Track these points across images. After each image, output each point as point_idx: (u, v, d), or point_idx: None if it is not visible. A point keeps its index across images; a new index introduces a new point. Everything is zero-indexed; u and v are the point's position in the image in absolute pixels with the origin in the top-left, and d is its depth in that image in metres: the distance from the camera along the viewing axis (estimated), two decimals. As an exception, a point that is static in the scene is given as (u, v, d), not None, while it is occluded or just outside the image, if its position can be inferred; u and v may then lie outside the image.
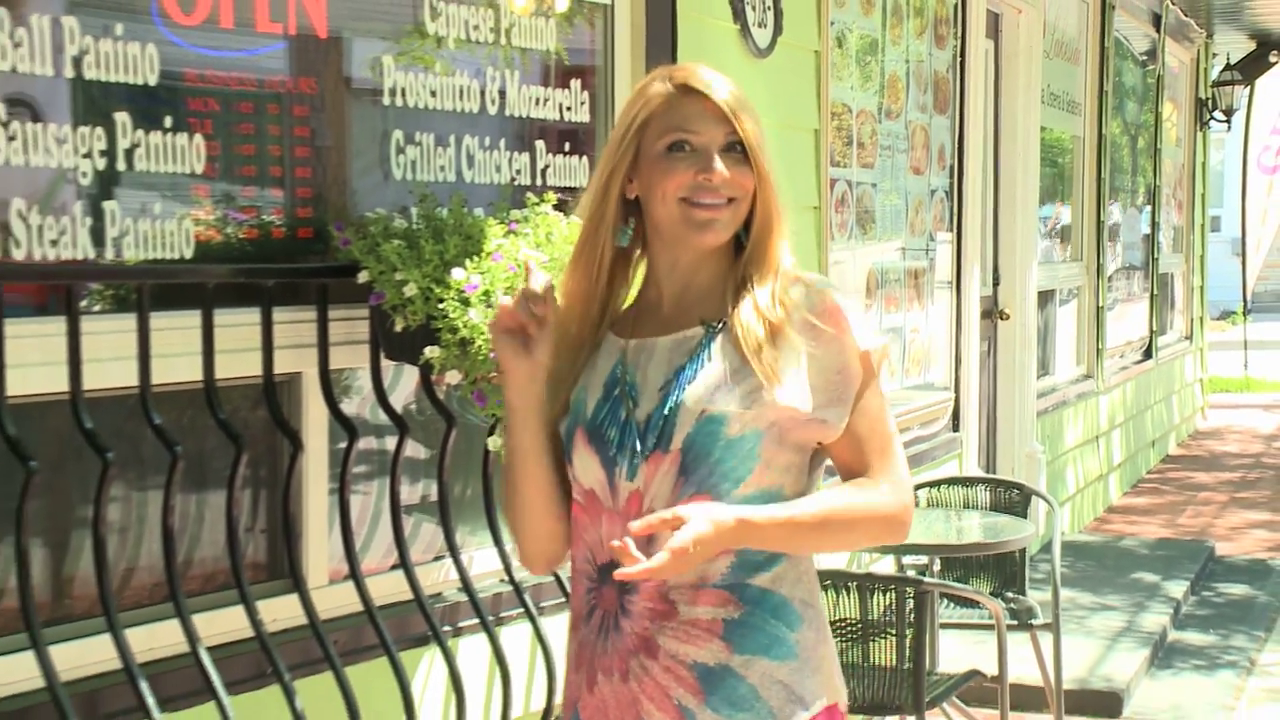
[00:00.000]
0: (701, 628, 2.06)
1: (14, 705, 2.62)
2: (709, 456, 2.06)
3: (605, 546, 2.08)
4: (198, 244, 3.04)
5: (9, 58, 2.70)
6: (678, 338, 2.14)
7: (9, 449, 2.56)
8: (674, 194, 2.09)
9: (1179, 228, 12.48)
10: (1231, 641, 6.70)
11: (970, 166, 6.69)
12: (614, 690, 2.10)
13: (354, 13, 3.38)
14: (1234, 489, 10.43)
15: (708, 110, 2.11)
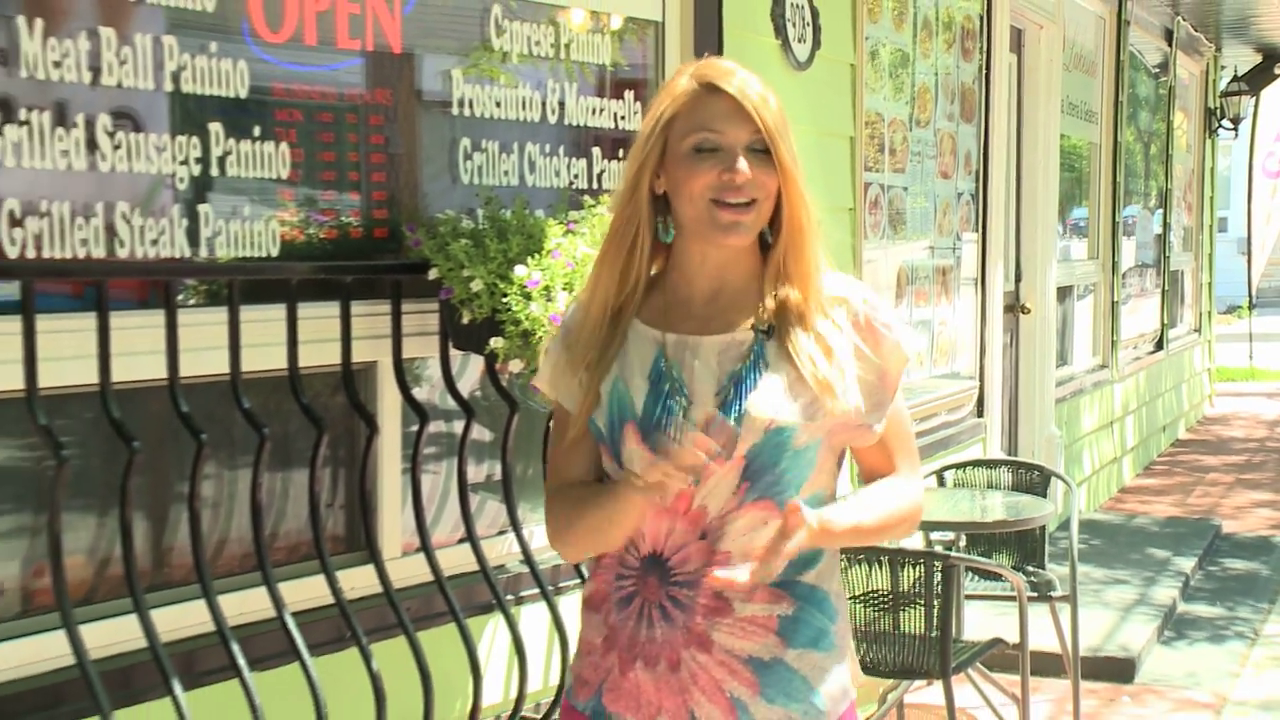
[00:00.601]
0: (757, 624, 2.01)
1: (119, 664, 2.65)
2: (776, 466, 1.99)
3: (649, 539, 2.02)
4: (283, 243, 3.06)
5: (115, 74, 2.73)
6: (726, 340, 2.04)
7: (114, 430, 2.59)
8: (701, 194, 1.99)
9: (1188, 228, 12.41)
10: (1237, 613, 6.66)
11: (994, 171, 6.66)
12: (657, 678, 2.02)
13: (426, 30, 3.39)
14: (1239, 471, 10.36)
15: (733, 110, 1.99)
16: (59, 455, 2.51)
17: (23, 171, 2.60)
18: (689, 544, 2.00)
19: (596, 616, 2.11)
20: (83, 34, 2.69)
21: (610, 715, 2.07)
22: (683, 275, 2.09)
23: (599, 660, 2.09)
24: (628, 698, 2.05)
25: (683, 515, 2.00)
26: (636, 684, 2.04)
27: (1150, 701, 5.49)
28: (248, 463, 2.87)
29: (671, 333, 2.06)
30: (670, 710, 2.02)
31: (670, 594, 2.02)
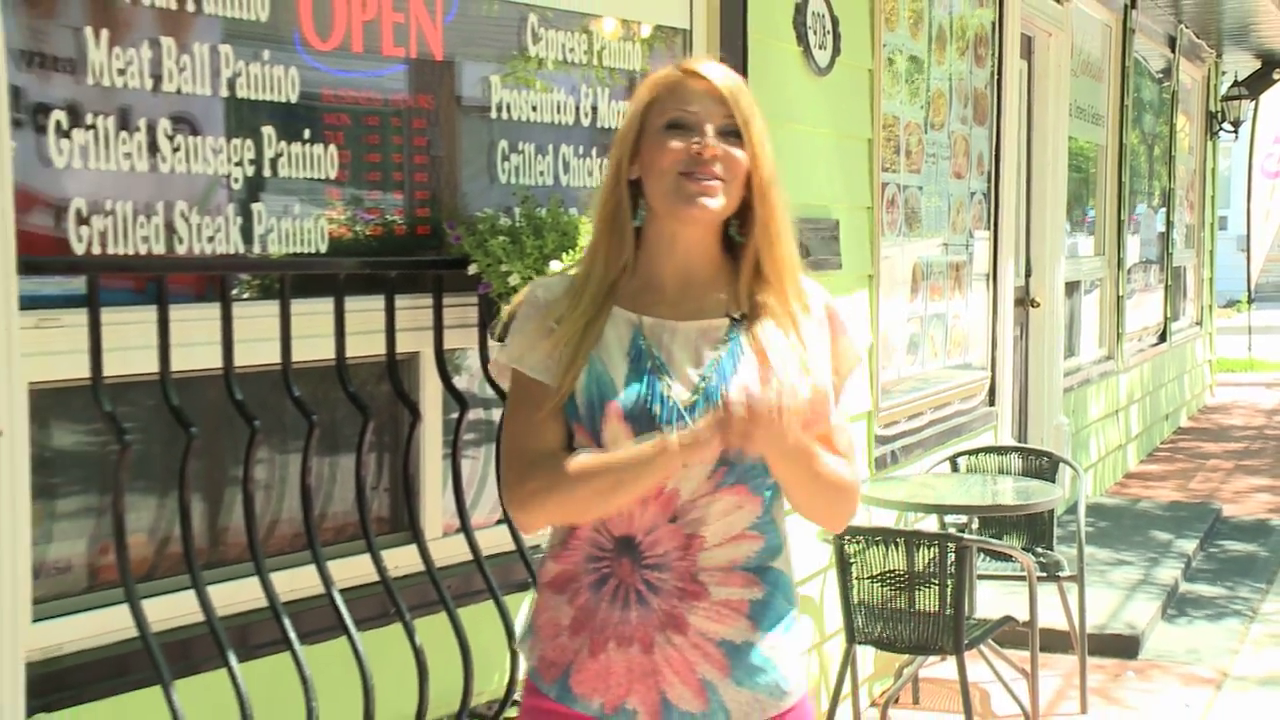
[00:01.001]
0: (731, 607, 1.96)
1: (179, 636, 2.67)
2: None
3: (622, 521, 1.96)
4: (331, 240, 3.06)
5: (175, 80, 2.73)
6: (702, 325, 1.99)
7: (173, 417, 2.60)
8: (669, 168, 1.94)
9: (1190, 226, 12.37)
10: (1237, 593, 6.66)
11: (1005, 172, 6.63)
12: (629, 660, 1.96)
13: (466, 39, 3.38)
14: (1238, 457, 10.33)
15: (707, 92, 1.96)
16: (122, 440, 2.53)
17: (89, 173, 2.61)
18: (659, 527, 1.96)
19: (561, 598, 2.03)
20: (145, 43, 2.70)
21: (577, 697, 1.99)
22: (652, 259, 2.03)
23: (566, 642, 2.01)
24: (596, 680, 1.98)
25: (655, 498, 1.95)
26: (607, 666, 1.97)
27: (1154, 676, 5.50)
28: (298, 448, 2.88)
29: (647, 315, 2.01)
30: (640, 693, 1.96)
31: (644, 577, 1.96)
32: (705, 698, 1.96)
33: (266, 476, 3.02)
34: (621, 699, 1.97)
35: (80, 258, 2.60)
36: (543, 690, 2.04)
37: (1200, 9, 10.30)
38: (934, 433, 5.76)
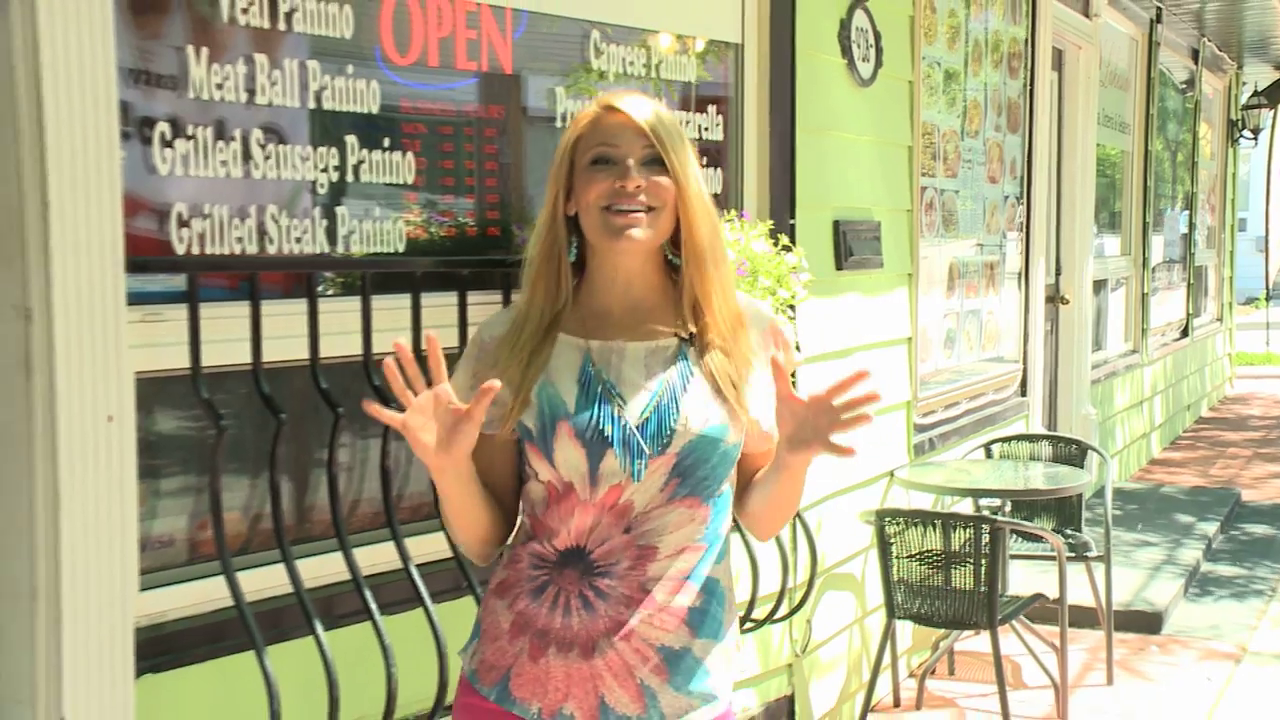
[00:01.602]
0: (671, 613, 1.90)
1: (270, 606, 2.69)
2: (706, 463, 1.90)
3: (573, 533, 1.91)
4: (408, 240, 3.08)
5: (267, 94, 2.75)
6: (651, 345, 1.93)
7: (264, 404, 2.62)
8: (596, 203, 1.89)
9: (1212, 228, 12.25)
10: (1256, 572, 6.59)
11: (1037, 176, 6.57)
12: (568, 666, 1.90)
13: (533, 53, 3.39)
14: (1257, 445, 10.22)
15: (626, 124, 1.91)
16: (218, 425, 2.55)
17: (189, 180, 2.64)
18: (613, 537, 1.91)
19: (503, 602, 1.98)
20: (240, 60, 2.72)
21: (515, 700, 1.93)
22: (596, 290, 1.99)
23: (506, 645, 1.96)
24: (535, 684, 1.92)
25: (609, 509, 1.90)
26: (546, 671, 1.91)
27: (1176, 651, 5.45)
28: (377, 433, 2.90)
29: (594, 339, 1.96)
30: (577, 697, 1.90)
31: (593, 584, 1.90)
32: (643, 703, 1.89)
33: (348, 459, 3.03)
34: (559, 704, 1.91)
35: (181, 257, 2.63)
36: (482, 693, 1.98)
37: (1222, 23, 10.21)
38: (969, 421, 5.72)
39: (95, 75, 2.35)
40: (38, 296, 2.32)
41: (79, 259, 2.35)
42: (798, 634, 4.21)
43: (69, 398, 2.35)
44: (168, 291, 2.59)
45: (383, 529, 2.90)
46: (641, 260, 1.95)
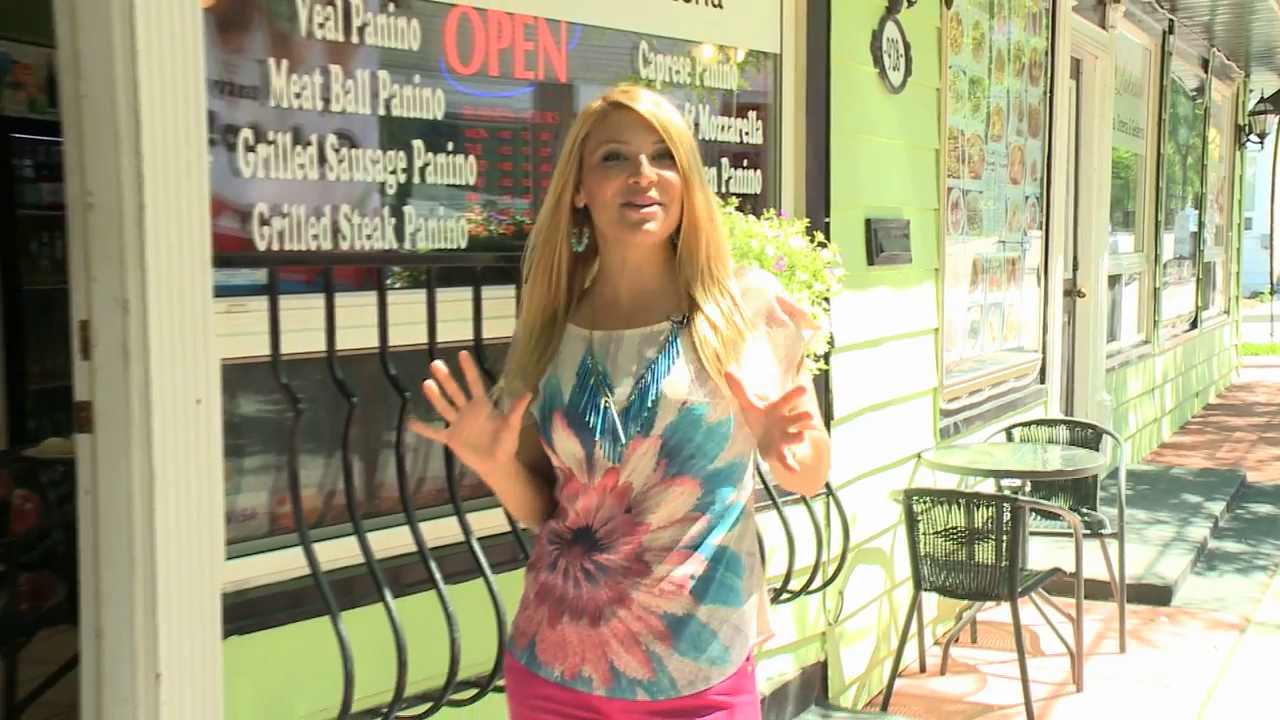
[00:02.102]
0: (673, 583, 1.83)
1: (343, 575, 2.69)
2: (691, 441, 1.83)
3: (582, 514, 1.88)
4: (469, 237, 3.07)
5: (341, 101, 2.76)
6: (645, 331, 1.88)
7: (338, 388, 2.63)
8: (612, 199, 1.84)
9: (1219, 226, 12.10)
10: (1260, 549, 6.52)
11: (1056, 178, 6.51)
12: (580, 632, 1.86)
13: (586, 64, 3.37)
14: (1261, 430, 10.10)
15: (636, 121, 1.84)
16: (296, 408, 2.56)
17: (270, 181, 2.65)
18: (615, 517, 1.86)
19: (531, 574, 1.97)
20: (316, 70, 2.73)
21: (541, 664, 1.91)
22: (608, 280, 1.94)
23: (532, 613, 1.94)
24: (555, 648, 1.89)
25: (611, 491, 1.86)
26: (563, 636, 1.88)
27: (1184, 621, 5.40)
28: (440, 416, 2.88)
29: (599, 330, 1.91)
30: (592, 661, 1.87)
31: (593, 558, 1.86)
32: (652, 668, 1.84)
33: (414, 440, 3.02)
34: (578, 667, 1.88)
35: (262, 253, 2.64)
36: (515, 656, 1.98)
37: (1230, 34, 10.08)
38: (991, 407, 5.68)
39: (186, 88, 2.37)
40: (134, 290, 2.35)
41: (171, 256, 2.38)
42: (831, 604, 4.19)
43: (161, 383, 2.38)
44: (250, 285, 2.61)
45: (446, 505, 2.90)
46: (650, 250, 1.91)
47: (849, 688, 4.35)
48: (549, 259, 1.92)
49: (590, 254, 1.95)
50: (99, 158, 2.34)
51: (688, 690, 1.84)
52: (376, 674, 2.64)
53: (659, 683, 1.84)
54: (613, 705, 1.87)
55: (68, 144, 2.39)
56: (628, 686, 1.85)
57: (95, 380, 2.41)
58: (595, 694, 1.87)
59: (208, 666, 2.48)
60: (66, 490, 3.03)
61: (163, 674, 2.40)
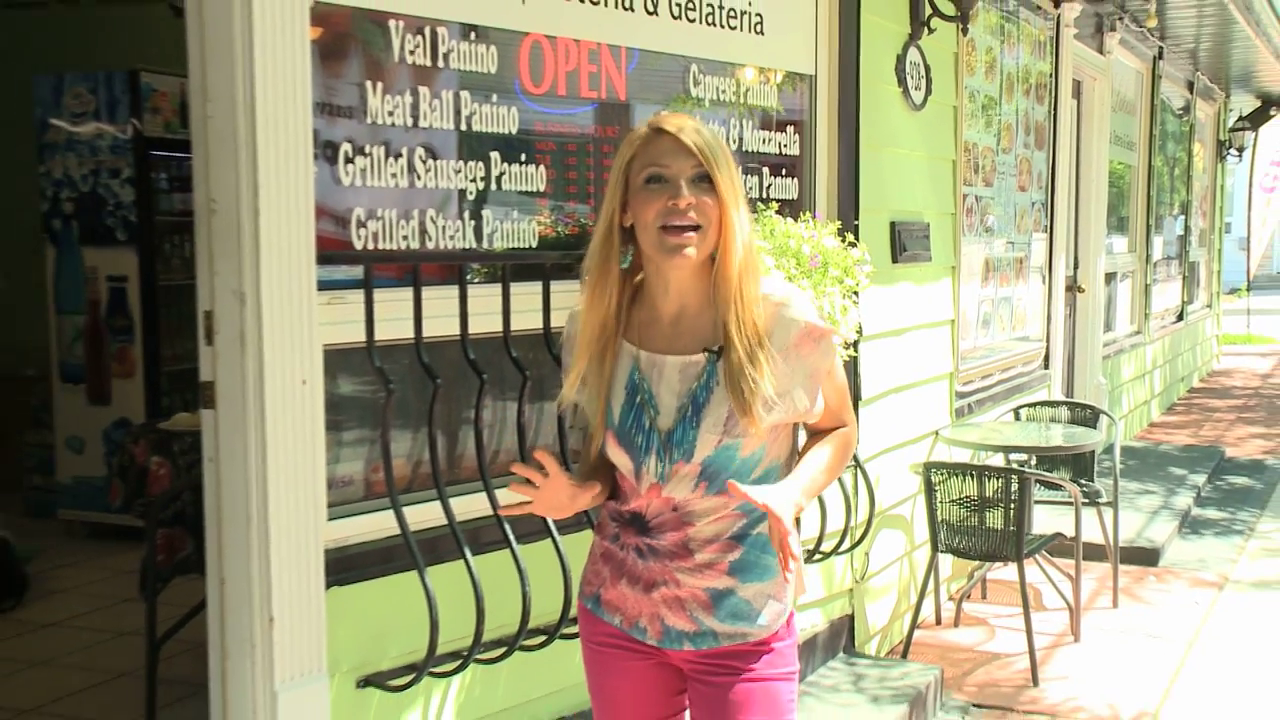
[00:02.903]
0: (714, 567, 1.79)
1: (428, 535, 2.67)
2: (727, 470, 1.77)
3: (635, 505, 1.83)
4: (539, 238, 3.03)
5: (427, 118, 2.73)
6: (684, 361, 1.77)
7: (424, 371, 2.60)
8: (653, 221, 1.72)
9: (1203, 230, 11.88)
10: (1237, 516, 6.39)
11: (1059, 186, 6.39)
12: (636, 594, 1.83)
13: (643, 85, 3.31)
14: (1239, 411, 9.90)
15: (677, 147, 1.73)
16: (388, 388, 2.54)
17: (366, 189, 2.63)
18: (664, 514, 1.81)
19: (598, 537, 1.93)
20: (406, 91, 2.70)
21: (604, 611, 1.88)
22: (651, 297, 1.83)
23: (599, 568, 1.90)
24: (615, 602, 1.87)
25: (657, 498, 1.81)
26: (622, 594, 1.85)
27: (1170, 580, 5.30)
28: (514, 396, 2.86)
29: (644, 350, 1.81)
30: (646, 617, 1.83)
31: (647, 541, 1.82)
32: (696, 626, 1.81)
33: (490, 417, 3.00)
34: (635, 619, 1.85)
35: (359, 252, 2.61)
36: (584, 601, 1.95)
37: (1213, 60, 9.92)
38: (1001, 389, 5.58)
39: (295, 109, 2.38)
40: (250, 284, 2.36)
41: (281, 254, 2.38)
42: (857, 564, 4.13)
43: (273, 365, 2.38)
44: (349, 280, 2.59)
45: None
46: (690, 272, 1.78)
47: (872, 638, 4.28)
48: (604, 277, 1.82)
49: (635, 269, 1.85)
50: (221, 170, 2.36)
51: (728, 641, 1.81)
52: (457, 622, 2.62)
53: (703, 636, 1.81)
54: (663, 649, 1.85)
55: (195, 158, 2.41)
56: (676, 638, 1.82)
57: (217, 363, 2.42)
58: (649, 642, 1.85)
59: (313, 613, 2.48)
60: (194, 458, 3.04)
61: (275, 618, 2.42)
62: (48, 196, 5.10)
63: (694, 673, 1.84)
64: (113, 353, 5.08)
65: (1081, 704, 3.87)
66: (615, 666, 1.88)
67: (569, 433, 2.98)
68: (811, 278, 3.06)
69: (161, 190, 5.07)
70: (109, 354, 5.08)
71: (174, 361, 5.03)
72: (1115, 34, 7.33)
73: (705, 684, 1.82)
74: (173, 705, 3.18)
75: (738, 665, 1.81)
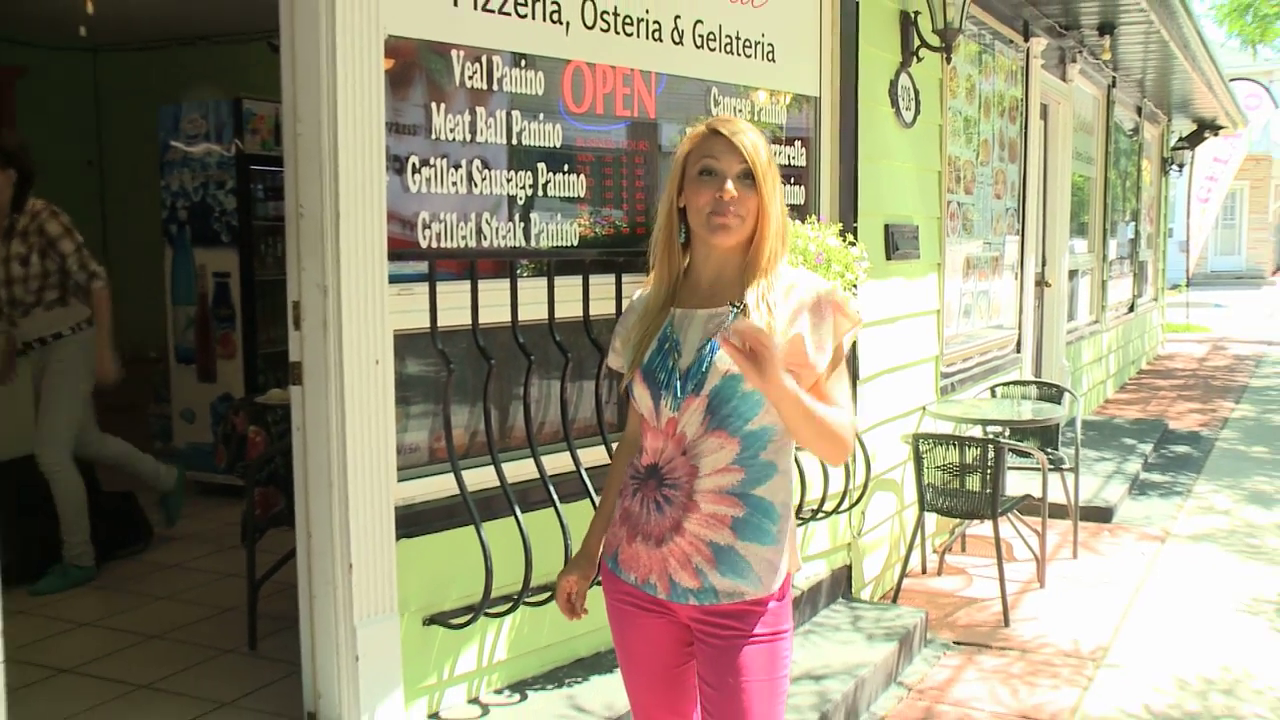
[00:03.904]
0: (718, 520, 1.71)
1: (483, 495, 2.62)
2: (729, 402, 1.70)
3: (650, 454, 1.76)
4: (580, 238, 2.96)
5: (483, 134, 2.67)
6: (711, 312, 1.73)
7: (480, 353, 2.56)
8: (702, 208, 1.71)
9: (1150, 234, 11.66)
10: (1177, 479, 6.25)
11: (1030, 195, 6.24)
12: (648, 550, 1.76)
13: (669, 105, 3.22)
14: (1180, 390, 9.69)
15: (728, 147, 1.70)
16: (449, 368, 2.50)
17: (430, 195, 2.57)
18: (675, 458, 1.73)
19: (620, 500, 1.85)
20: (465, 111, 2.64)
21: (621, 569, 1.81)
22: (697, 265, 1.79)
23: (617, 530, 1.83)
24: (631, 560, 1.79)
25: (671, 437, 1.73)
26: (636, 552, 1.78)
27: (1121, 534, 5.17)
28: (557, 375, 2.81)
29: (680, 307, 1.77)
30: (656, 572, 1.76)
31: (663, 492, 1.75)
32: (700, 581, 1.73)
33: (538, 393, 2.95)
34: (647, 576, 1.78)
35: (424, 249, 2.56)
36: (605, 561, 1.87)
37: (1157, 89, 9.76)
38: (979, 370, 5.47)
39: (370, 128, 2.38)
40: (331, 278, 2.36)
41: (358, 252, 2.37)
42: (855, 522, 4.04)
43: (350, 347, 2.37)
44: (415, 274, 2.54)
45: (561, 443, 2.82)
46: (729, 250, 1.76)
47: (867, 585, 4.20)
48: (668, 247, 1.78)
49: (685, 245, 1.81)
50: (308, 180, 2.37)
51: (727, 600, 1.74)
52: (509, 570, 2.57)
53: (706, 593, 1.74)
54: (673, 605, 1.79)
55: (286, 171, 2.42)
56: (682, 593, 1.75)
57: (304, 346, 2.42)
58: (659, 597, 1.79)
59: (385, 560, 2.47)
60: (285, 427, 3.01)
61: (354, 565, 2.41)
62: (166, 206, 5.11)
63: (698, 632, 1.78)
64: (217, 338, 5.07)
65: (1047, 640, 3.80)
66: (632, 622, 1.83)
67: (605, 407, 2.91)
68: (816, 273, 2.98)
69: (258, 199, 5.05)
70: (215, 339, 5.07)
71: (268, 345, 5.02)
72: (1076, 65, 7.19)
73: (707, 644, 1.77)
74: (270, 636, 3.16)
75: (736, 625, 1.74)
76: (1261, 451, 7.01)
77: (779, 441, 1.75)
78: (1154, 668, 3.52)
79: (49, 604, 3.57)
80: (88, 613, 3.50)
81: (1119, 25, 6.70)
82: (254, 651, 3.11)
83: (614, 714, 2.61)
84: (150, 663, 3.05)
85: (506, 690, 2.74)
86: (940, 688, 3.38)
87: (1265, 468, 6.52)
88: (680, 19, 3.16)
